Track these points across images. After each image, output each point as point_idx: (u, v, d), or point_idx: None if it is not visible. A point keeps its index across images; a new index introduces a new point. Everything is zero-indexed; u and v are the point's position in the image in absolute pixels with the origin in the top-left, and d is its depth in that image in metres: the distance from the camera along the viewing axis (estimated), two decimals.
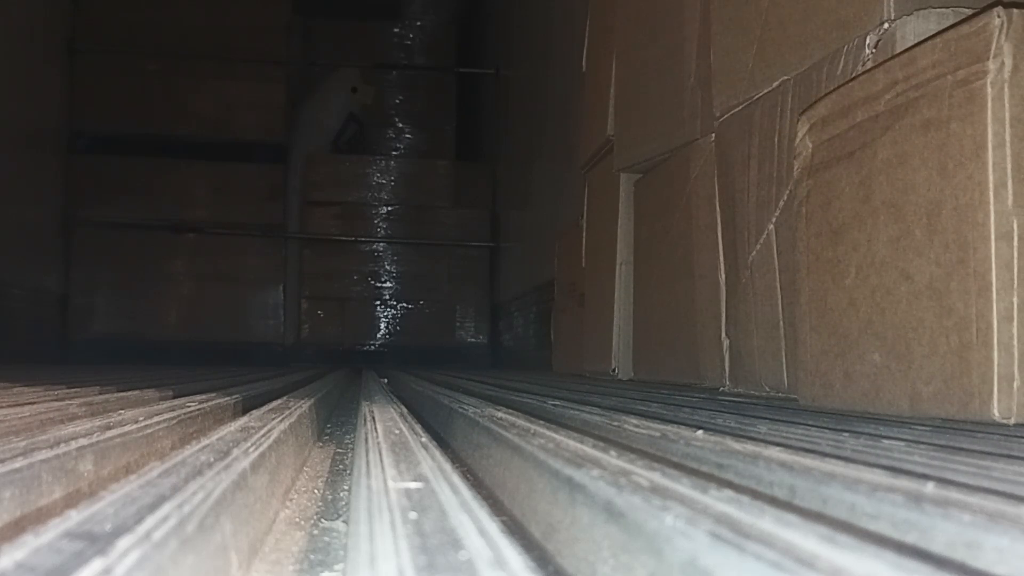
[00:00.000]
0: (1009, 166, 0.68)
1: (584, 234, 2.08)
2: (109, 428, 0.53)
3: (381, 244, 3.74)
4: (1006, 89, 0.68)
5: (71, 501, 0.40)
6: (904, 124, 0.78)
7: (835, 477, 0.35)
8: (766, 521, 0.26)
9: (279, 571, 0.34)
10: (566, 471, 0.35)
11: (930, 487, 0.32)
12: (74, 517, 0.26)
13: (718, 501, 0.29)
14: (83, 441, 0.46)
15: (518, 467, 0.42)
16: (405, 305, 3.75)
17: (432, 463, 0.40)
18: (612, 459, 0.39)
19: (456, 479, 0.36)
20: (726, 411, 0.79)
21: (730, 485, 0.34)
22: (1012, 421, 0.67)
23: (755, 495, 0.31)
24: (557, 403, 0.85)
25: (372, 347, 3.73)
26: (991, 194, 0.68)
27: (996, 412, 0.67)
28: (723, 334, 1.30)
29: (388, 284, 3.74)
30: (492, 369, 3.18)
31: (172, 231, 3.52)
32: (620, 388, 1.35)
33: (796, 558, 0.22)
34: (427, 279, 3.74)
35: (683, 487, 0.31)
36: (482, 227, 3.76)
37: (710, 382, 1.35)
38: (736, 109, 1.24)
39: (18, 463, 0.37)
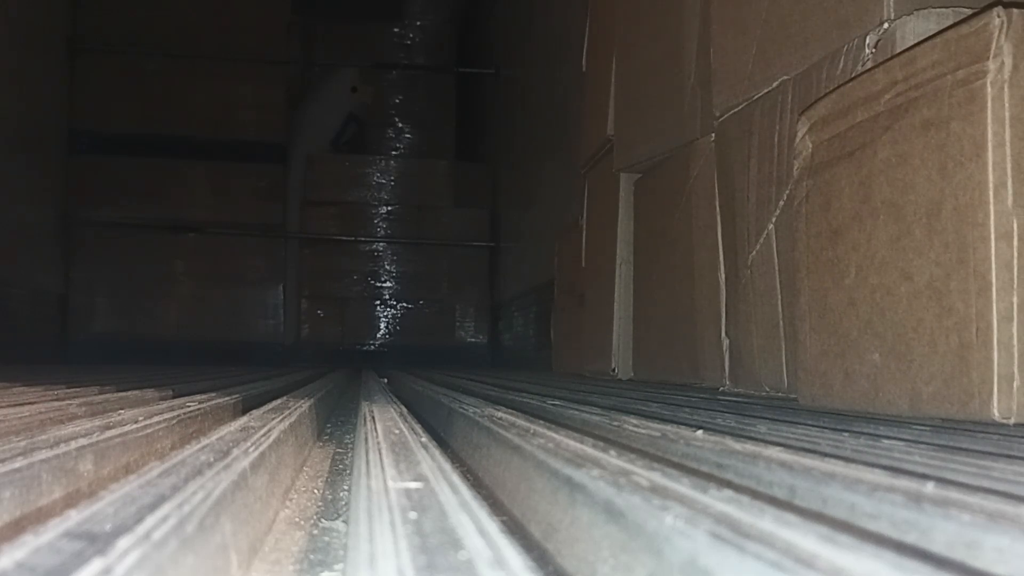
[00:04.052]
0: (1009, 166, 0.68)
1: (584, 234, 2.08)
2: (109, 428, 0.53)
3: (381, 244, 3.74)
4: (1006, 89, 0.68)
5: (71, 501, 0.40)
6: (904, 124, 0.78)
7: (835, 477, 0.35)
8: (766, 521, 0.26)
9: (279, 571, 0.34)
10: (566, 471, 0.35)
11: (930, 487, 0.32)
12: (74, 517, 0.26)
13: (718, 501, 0.29)
14: (83, 441, 0.46)
15: (518, 467, 0.42)
16: (405, 305, 3.75)
17: (432, 463, 0.40)
18: (612, 459, 0.39)
19: (456, 479, 0.36)
20: (726, 411, 0.79)
21: (730, 485, 0.34)
22: (1012, 421, 0.67)
23: (755, 495, 0.31)
24: (557, 403, 0.85)
25: (372, 347, 3.73)
26: (991, 194, 0.68)
27: (996, 412, 0.67)
28: (723, 334, 1.30)
29: (388, 284, 3.74)
30: (492, 369, 3.18)
31: (172, 231, 3.52)
32: (620, 388, 1.35)
33: (796, 558, 0.22)
34: (427, 279, 3.74)
35: (683, 487, 0.31)
36: (482, 227, 3.76)
37: (710, 382, 1.35)
38: (736, 109, 1.24)
39: (18, 463, 0.37)
